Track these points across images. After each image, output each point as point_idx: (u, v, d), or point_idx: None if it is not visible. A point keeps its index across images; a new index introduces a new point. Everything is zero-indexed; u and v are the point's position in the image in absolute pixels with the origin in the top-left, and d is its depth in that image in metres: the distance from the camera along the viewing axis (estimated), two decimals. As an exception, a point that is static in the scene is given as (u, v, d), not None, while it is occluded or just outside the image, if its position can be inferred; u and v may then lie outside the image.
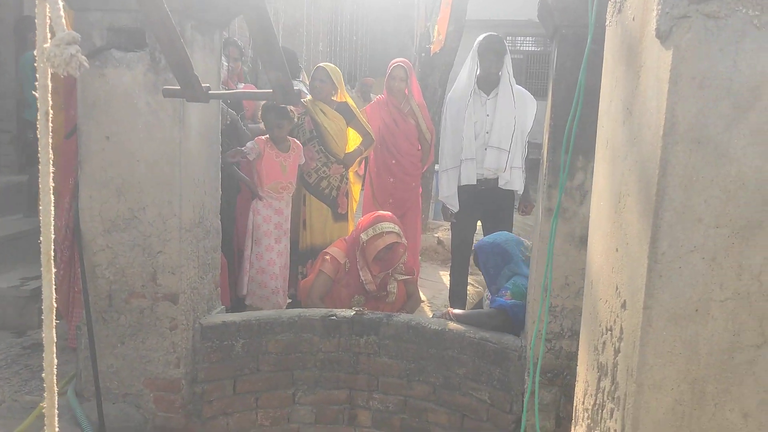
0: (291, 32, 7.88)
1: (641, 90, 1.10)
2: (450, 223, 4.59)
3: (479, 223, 4.53)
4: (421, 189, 5.24)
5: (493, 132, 4.10)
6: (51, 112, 1.11)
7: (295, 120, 4.24)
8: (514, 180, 4.14)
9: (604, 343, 1.21)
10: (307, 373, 3.23)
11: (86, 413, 2.85)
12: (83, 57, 1.04)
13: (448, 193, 4.27)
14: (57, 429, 1.18)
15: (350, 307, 3.69)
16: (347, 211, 4.69)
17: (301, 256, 4.40)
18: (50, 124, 1.12)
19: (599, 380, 1.23)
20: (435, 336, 3.11)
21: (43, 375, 1.15)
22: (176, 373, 2.94)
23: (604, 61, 1.43)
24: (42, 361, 3.64)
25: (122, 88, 2.76)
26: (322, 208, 4.50)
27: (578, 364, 1.49)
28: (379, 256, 3.81)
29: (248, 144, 4.09)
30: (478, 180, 4.15)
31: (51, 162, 1.11)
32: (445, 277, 5.18)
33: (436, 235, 6.15)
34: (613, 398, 1.13)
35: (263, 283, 4.05)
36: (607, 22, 1.40)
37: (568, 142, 1.65)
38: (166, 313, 2.91)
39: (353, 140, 4.72)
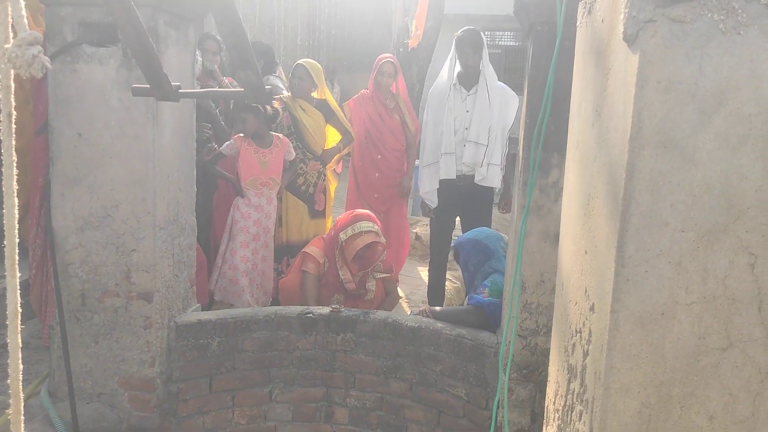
0: (268, 26, 7.81)
1: (609, 93, 1.10)
2: (429, 219, 4.59)
3: (458, 219, 4.54)
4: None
5: (472, 127, 4.10)
6: (14, 113, 1.08)
7: (273, 113, 4.20)
8: (490, 176, 4.14)
9: (573, 345, 1.22)
10: (283, 371, 3.22)
11: (60, 413, 2.81)
12: (46, 58, 1.02)
13: (428, 188, 4.27)
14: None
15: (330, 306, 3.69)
16: (324, 208, 4.67)
17: (277, 252, 4.37)
18: (13, 126, 1.09)
19: (569, 382, 1.24)
20: (411, 333, 3.11)
21: (9, 381, 1.13)
22: (151, 372, 2.91)
23: (575, 62, 1.43)
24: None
25: (94, 84, 2.72)
26: (298, 204, 4.48)
27: (550, 364, 1.50)
28: (358, 255, 3.80)
29: (225, 143, 4.07)
30: (457, 176, 4.16)
31: (14, 164, 1.09)
32: (424, 272, 5.19)
33: (414, 230, 6.15)
34: (582, 400, 1.14)
35: (234, 280, 4.01)
36: (578, 23, 1.41)
37: (537, 139, 1.65)
38: (141, 311, 2.87)
39: (332, 138, 4.70)
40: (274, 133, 4.23)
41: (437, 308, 3.37)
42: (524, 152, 2.79)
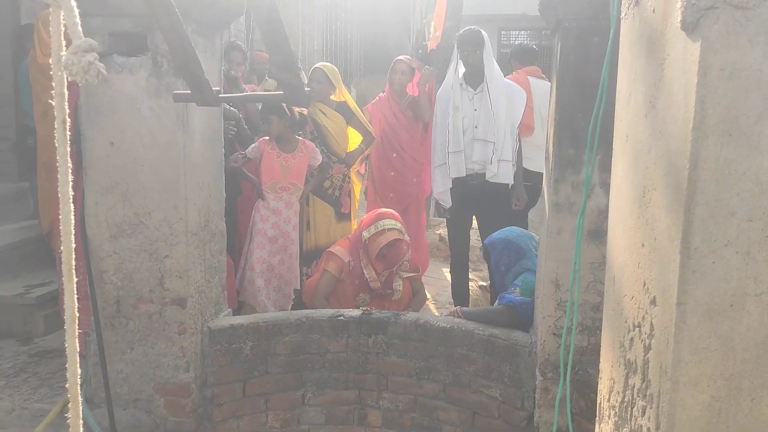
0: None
1: (665, 83, 1.09)
2: (446, 220, 4.60)
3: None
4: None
5: (480, 126, 4.13)
6: (68, 120, 1.09)
7: (301, 119, 4.22)
8: (502, 173, 4.15)
9: (631, 339, 1.20)
10: (316, 374, 3.22)
11: (97, 420, 2.83)
12: (101, 64, 1.02)
13: (441, 188, 4.28)
14: (81, 438, 1.16)
15: (355, 306, 3.68)
16: (350, 211, 4.67)
17: (306, 256, 4.38)
18: (68, 133, 1.10)
19: (627, 377, 1.22)
20: (443, 334, 3.10)
21: (67, 385, 1.14)
22: (186, 377, 2.93)
23: (620, 54, 1.42)
24: (50, 368, 3.62)
25: (125, 94, 2.74)
26: (325, 208, 4.49)
27: (601, 360, 1.49)
28: (381, 253, 3.80)
29: (251, 146, 4.10)
30: (468, 175, 4.17)
31: (70, 170, 1.10)
32: (448, 273, 5.17)
33: (437, 232, 6.14)
34: (645, 395, 1.12)
35: (251, 280, 4.05)
36: (623, 15, 1.39)
37: (592, 137, 1.64)
38: (175, 317, 2.89)
39: (353, 139, 4.71)
40: (301, 138, 4.25)
41: (468, 309, 3.35)
42: (554, 149, 2.78)
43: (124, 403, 2.92)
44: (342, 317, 3.20)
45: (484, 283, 5.22)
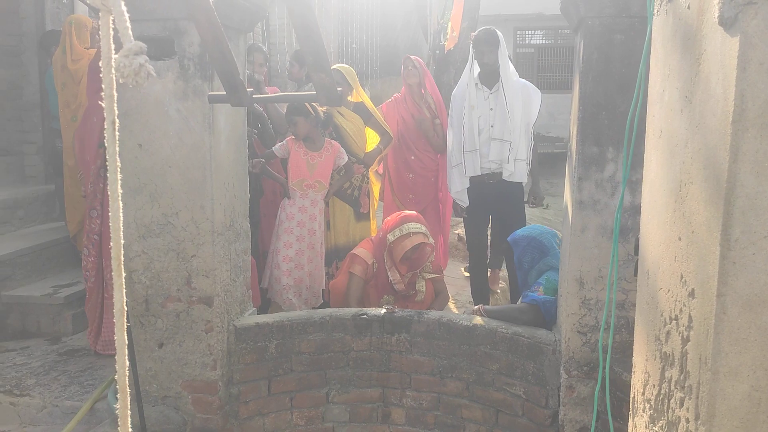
0: (303, 34, 7.86)
1: (702, 78, 1.10)
2: (463, 219, 4.62)
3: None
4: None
5: (496, 125, 4.17)
6: (117, 121, 1.13)
7: (326, 118, 4.27)
8: (518, 172, 4.19)
9: (668, 332, 1.21)
10: (340, 372, 3.25)
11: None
12: (150, 66, 1.06)
13: (458, 188, 4.30)
14: (130, 429, 1.19)
15: (380, 307, 3.71)
16: (369, 211, 4.71)
17: (326, 256, 4.41)
18: (117, 133, 1.14)
19: (663, 370, 1.24)
20: (467, 332, 3.12)
21: (116, 377, 1.17)
22: (213, 375, 2.97)
23: (652, 50, 1.43)
24: (79, 366, 3.67)
25: (153, 97, 2.79)
26: (344, 208, 4.52)
27: (635, 354, 1.50)
28: (406, 256, 3.82)
29: (278, 144, 4.17)
30: (485, 174, 4.20)
31: (119, 170, 1.13)
32: (467, 272, 5.18)
33: (456, 231, 6.15)
34: (683, 387, 1.13)
35: (277, 278, 4.10)
36: (655, 11, 1.41)
37: (630, 134, 1.65)
38: (202, 315, 2.93)
39: (371, 140, 4.74)
40: (327, 138, 4.29)
41: (491, 307, 3.37)
42: (578, 147, 2.79)
43: (153, 400, 2.96)
44: (365, 316, 3.23)
45: (503, 283, 5.23)
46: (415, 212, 4.08)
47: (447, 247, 5.34)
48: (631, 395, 1.48)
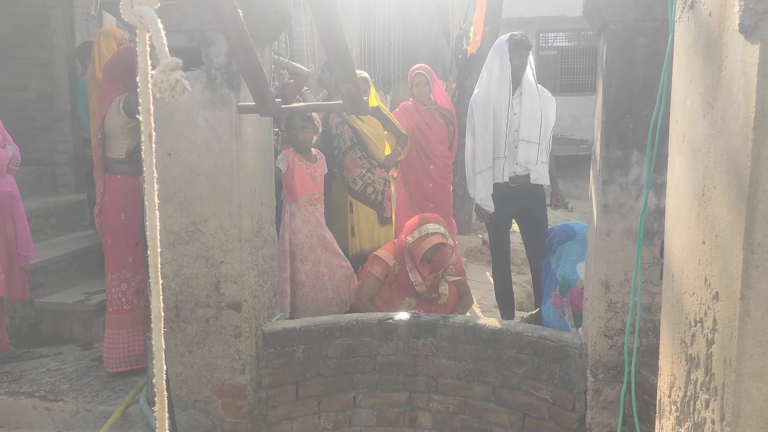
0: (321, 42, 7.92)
1: (724, 84, 1.11)
2: (486, 224, 4.62)
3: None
4: (451, 188, 5.31)
5: (522, 128, 4.19)
6: (154, 134, 1.17)
7: (319, 126, 4.18)
8: (543, 174, 4.24)
9: (693, 335, 1.22)
10: (366, 376, 3.28)
11: (158, 421, 2.94)
12: (186, 81, 1.10)
13: (483, 194, 4.29)
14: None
15: (402, 310, 3.73)
16: (391, 215, 4.74)
17: (352, 262, 4.44)
18: (153, 145, 1.18)
19: (689, 372, 1.25)
20: (492, 336, 3.13)
21: (154, 381, 1.21)
22: (242, 379, 3.02)
23: (674, 56, 1.44)
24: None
25: (182, 106, 2.86)
26: (368, 213, 4.55)
27: (661, 357, 1.51)
28: (426, 257, 3.85)
29: (279, 156, 3.94)
30: (510, 177, 4.22)
31: (155, 179, 1.18)
32: (492, 277, 5.18)
33: (480, 236, 6.16)
34: (708, 389, 1.14)
35: (303, 298, 3.96)
36: (677, 18, 1.42)
37: (653, 138, 1.66)
38: (231, 321, 2.99)
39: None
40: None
41: None
42: (602, 151, 2.79)
43: (183, 405, 3.02)
44: (391, 320, 3.26)
45: (528, 288, 5.22)
46: (434, 214, 4.12)
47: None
48: (658, 398, 1.49)
